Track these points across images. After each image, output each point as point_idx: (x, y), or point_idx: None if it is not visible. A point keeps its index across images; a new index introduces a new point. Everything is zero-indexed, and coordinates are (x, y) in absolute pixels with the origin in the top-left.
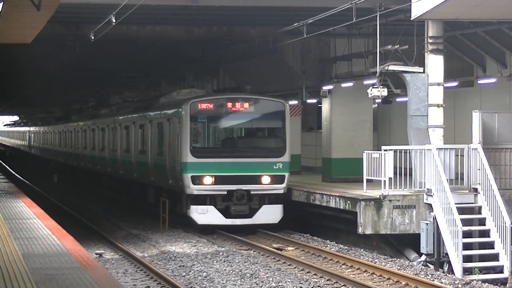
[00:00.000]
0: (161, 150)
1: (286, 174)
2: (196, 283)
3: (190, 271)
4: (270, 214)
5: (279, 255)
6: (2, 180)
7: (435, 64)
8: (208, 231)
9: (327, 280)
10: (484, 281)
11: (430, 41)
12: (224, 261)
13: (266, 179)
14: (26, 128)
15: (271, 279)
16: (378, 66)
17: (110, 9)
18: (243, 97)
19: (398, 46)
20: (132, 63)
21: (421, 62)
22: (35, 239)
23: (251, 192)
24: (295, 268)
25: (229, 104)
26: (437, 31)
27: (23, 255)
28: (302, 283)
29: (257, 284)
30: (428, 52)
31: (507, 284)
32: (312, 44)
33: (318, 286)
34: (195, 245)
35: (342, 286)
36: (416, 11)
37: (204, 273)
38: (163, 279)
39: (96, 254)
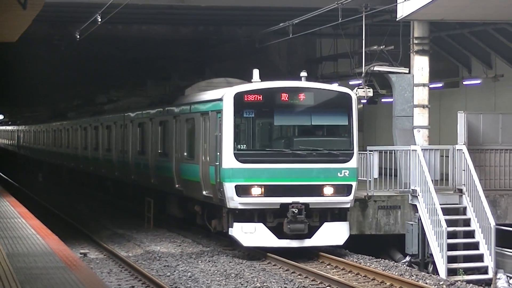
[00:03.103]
0: (191, 152)
1: (354, 184)
2: (181, 283)
3: (174, 271)
4: (333, 233)
5: (263, 255)
6: None
7: (420, 64)
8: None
9: (312, 280)
10: (468, 281)
11: (415, 41)
12: (209, 261)
13: (328, 190)
14: (15, 127)
15: (256, 279)
16: (364, 66)
17: (95, 8)
18: (301, 86)
19: (384, 46)
20: (118, 63)
21: (406, 63)
22: (20, 238)
23: (310, 206)
24: (280, 268)
25: (284, 96)
26: (422, 32)
27: (7, 255)
28: (287, 283)
29: (241, 284)
30: (414, 53)
31: (492, 285)
32: (298, 44)
33: (303, 287)
34: (180, 245)
35: (327, 286)
36: (402, 11)
37: (189, 273)
38: (147, 279)
39: (81, 253)
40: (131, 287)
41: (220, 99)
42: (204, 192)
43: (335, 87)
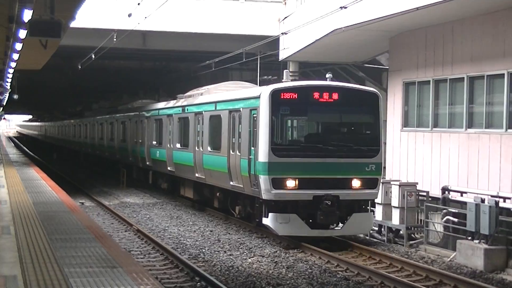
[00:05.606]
0: (217, 145)
1: (379, 178)
2: (143, 222)
3: (139, 214)
4: (361, 223)
5: (195, 206)
6: (21, 156)
7: None
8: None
9: (225, 220)
10: None
11: (291, 74)
12: (160, 208)
13: (356, 183)
14: (42, 123)
15: (189, 220)
16: None
17: (91, 49)
18: (333, 86)
19: (271, 77)
20: (104, 84)
21: None
22: (41, 193)
23: (340, 198)
24: (205, 213)
25: (316, 94)
26: (295, 68)
27: (33, 203)
28: (209, 222)
29: (180, 223)
30: (290, 81)
31: None
32: (218, 74)
33: (218, 224)
34: (142, 198)
35: (238, 226)
36: (282, 55)
37: (148, 216)
38: (121, 219)
39: (80, 202)
40: (111, 224)
41: (258, 97)
42: (231, 182)
43: (363, 87)
